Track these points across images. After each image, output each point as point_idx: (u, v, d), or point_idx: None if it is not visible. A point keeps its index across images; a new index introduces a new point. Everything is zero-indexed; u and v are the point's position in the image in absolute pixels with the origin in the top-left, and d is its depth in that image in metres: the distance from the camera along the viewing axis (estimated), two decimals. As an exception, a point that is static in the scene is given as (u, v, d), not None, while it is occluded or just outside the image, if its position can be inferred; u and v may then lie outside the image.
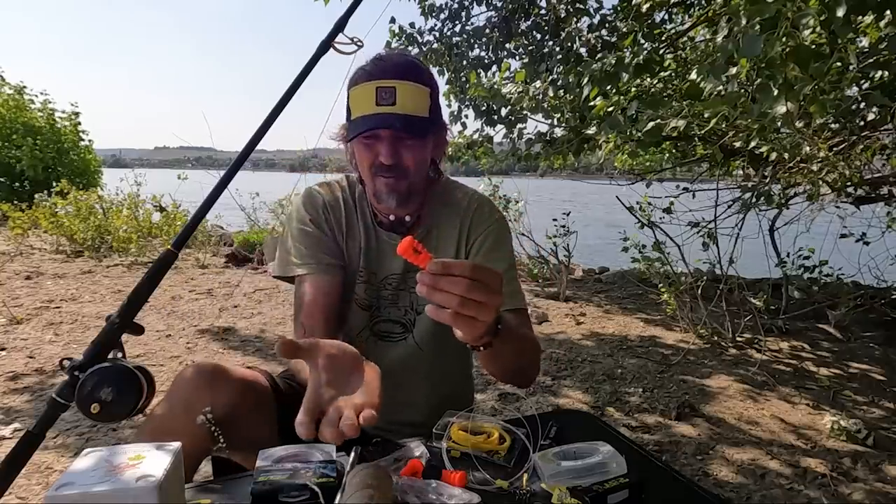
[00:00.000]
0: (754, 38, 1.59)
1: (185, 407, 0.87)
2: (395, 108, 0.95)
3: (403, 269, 1.11)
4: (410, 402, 1.14)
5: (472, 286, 0.64)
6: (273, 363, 2.95)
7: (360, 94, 0.97)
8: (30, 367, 2.73)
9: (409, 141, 1.00)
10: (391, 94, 0.95)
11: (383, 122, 0.95)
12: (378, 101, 0.95)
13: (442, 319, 0.67)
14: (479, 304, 0.65)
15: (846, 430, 2.27)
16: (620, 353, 3.30)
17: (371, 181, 1.03)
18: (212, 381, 0.90)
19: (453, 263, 0.65)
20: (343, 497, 0.67)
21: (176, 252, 0.80)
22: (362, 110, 0.97)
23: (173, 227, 6.42)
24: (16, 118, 9.62)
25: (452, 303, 0.64)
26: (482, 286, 0.65)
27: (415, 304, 1.13)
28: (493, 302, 0.67)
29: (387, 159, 0.98)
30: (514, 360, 0.95)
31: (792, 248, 4.02)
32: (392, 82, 0.95)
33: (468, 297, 0.64)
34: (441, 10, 4.57)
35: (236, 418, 0.90)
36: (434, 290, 0.64)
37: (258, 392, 1.01)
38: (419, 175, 1.05)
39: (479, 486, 0.78)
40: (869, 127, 3.10)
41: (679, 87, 3.22)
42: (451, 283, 0.64)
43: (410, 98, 0.96)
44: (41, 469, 1.85)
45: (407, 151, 1.00)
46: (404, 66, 0.99)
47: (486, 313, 0.67)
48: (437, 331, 1.12)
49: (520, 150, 4.17)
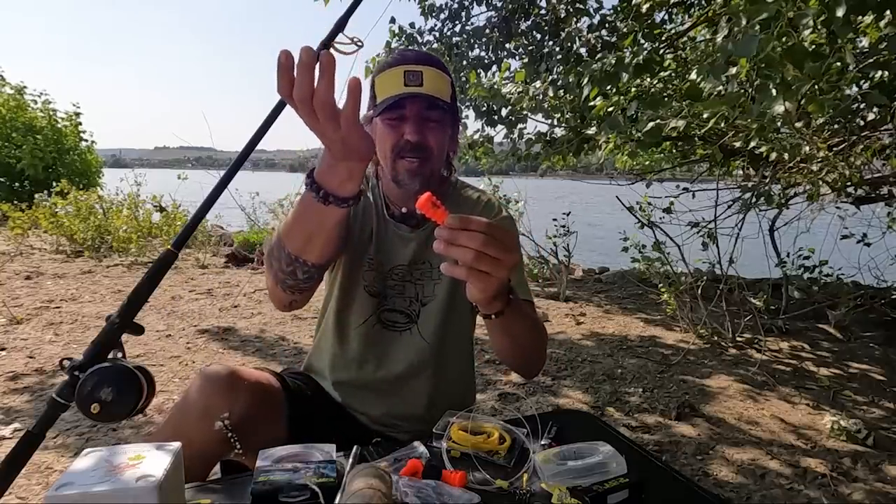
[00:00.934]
0: (749, 37, 1.59)
1: (202, 413, 0.88)
2: (422, 89, 0.98)
3: (410, 260, 1.13)
4: (412, 395, 1.15)
5: (488, 241, 0.66)
6: (273, 363, 2.95)
7: (386, 78, 1.00)
8: (30, 367, 2.73)
9: (434, 123, 1.02)
10: (418, 77, 0.98)
11: (412, 97, 0.98)
12: (406, 81, 0.98)
13: (457, 275, 0.69)
14: (494, 261, 0.68)
15: (846, 430, 2.27)
16: (620, 353, 3.30)
17: (393, 164, 1.03)
18: (229, 388, 0.91)
19: (471, 218, 0.67)
20: (343, 497, 0.67)
21: (176, 252, 0.79)
22: (390, 91, 0.99)
23: (173, 227, 6.42)
24: (16, 118, 9.62)
25: (468, 256, 0.66)
26: (498, 242, 0.67)
27: (420, 296, 1.14)
28: (508, 259, 0.69)
29: (412, 136, 0.99)
30: (524, 340, 0.96)
31: (792, 248, 4.03)
32: (419, 67, 0.99)
33: (484, 252, 0.66)
34: (441, 10, 4.57)
35: (252, 423, 0.91)
36: (451, 246, 0.66)
37: (272, 395, 1.02)
38: (439, 162, 1.08)
39: (479, 486, 0.78)
40: (869, 127, 3.10)
41: (679, 87, 3.22)
42: (469, 237, 0.66)
43: (436, 82, 1.00)
44: (41, 469, 1.85)
45: (431, 132, 1.02)
46: (429, 55, 1.05)
47: (500, 269, 0.69)
48: (442, 324, 1.14)
49: (520, 150, 4.17)
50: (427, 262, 1.14)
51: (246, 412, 0.90)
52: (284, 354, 3.10)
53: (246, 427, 0.90)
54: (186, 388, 0.93)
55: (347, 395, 1.17)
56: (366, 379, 1.14)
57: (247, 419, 0.90)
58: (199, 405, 0.89)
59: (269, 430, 0.99)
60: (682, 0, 3.83)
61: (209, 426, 0.86)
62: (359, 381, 1.15)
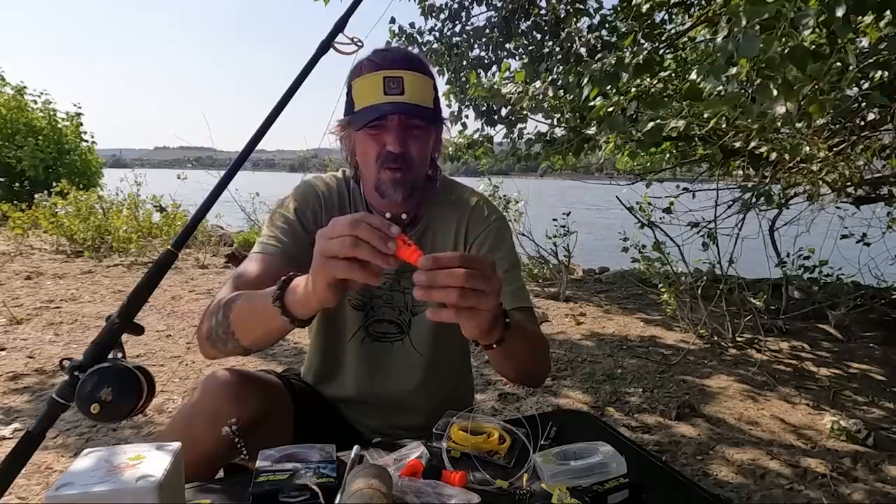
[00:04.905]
0: (752, 37, 1.59)
1: (210, 418, 0.87)
2: (403, 98, 0.94)
3: (397, 269, 1.09)
4: (409, 406, 1.14)
5: (468, 275, 0.64)
6: (274, 363, 2.95)
7: (365, 84, 0.95)
8: (30, 367, 2.73)
9: (417, 131, 0.99)
10: (399, 84, 0.93)
11: (394, 109, 0.94)
12: (386, 90, 0.93)
13: (445, 319, 0.67)
14: (478, 293, 0.65)
15: (846, 430, 2.27)
16: (620, 353, 3.30)
17: (375, 174, 1.00)
18: (238, 393, 0.90)
19: (443, 256, 0.65)
20: (343, 497, 0.67)
21: (176, 252, 0.79)
22: (369, 100, 0.95)
23: (173, 227, 6.42)
24: (17, 118, 9.62)
25: (452, 297, 0.64)
26: (477, 274, 0.64)
27: (410, 306, 1.11)
28: (491, 287, 0.67)
29: (395, 147, 0.96)
30: (526, 358, 0.94)
31: (792, 248, 4.03)
32: (399, 72, 0.94)
33: (466, 287, 0.64)
34: (441, 10, 4.57)
35: (259, 427, 0.91)
36: (431, 289, 0.64)
37: (279, 400, 1.02)
38: (422, 169, 1.04)
39: (479, 486, 0.78)
40: (869, 127, 3.10)
41: (679, 88, 3.22)
42: (447, 275, 0.64)
43: (418, 88, 0.95)
44: (41, 469, 1.85)
45: (414, 141, 0.99)
46: (409, 57, 0.99)
47: (486, 301, 0.67)
48: (435, 333, 1.11)
49: (520, 150, 4.17)
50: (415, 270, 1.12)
51: (254, 416, 0.90)
52: (284, 354, 3.10)
53: (253, 432, 0.89)
54: (192, 391, 0.93)
55: (345, 410, 1.16)
56: (362, 394, 1.13)
57: (254, 423, 0.90)
58: (208, 410, 0.88)
59: (276, 432, 0.99)
60: (682, 0, 3.83)
61: (217, 431, 0.85)
62: (356, 397, 1.14)
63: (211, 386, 0.90)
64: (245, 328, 0.84)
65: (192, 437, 0.83)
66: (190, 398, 0.93)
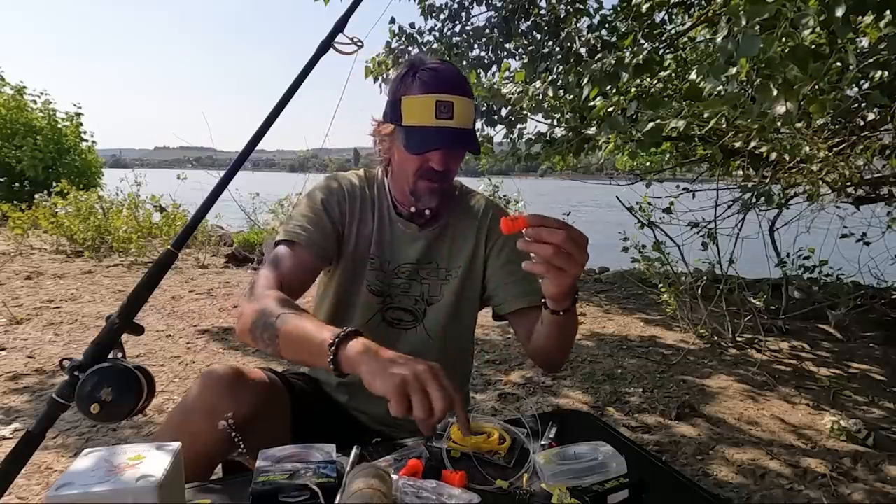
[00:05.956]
0: (752, 37, 1.59)
1: (206, 413, 0.88)
2: (452, 123, 1.00)
3: (417, 259, 1.14)
4: None
5: (566, 237, 0.73)
6: (274, 363, 2.95)
7: (417, 104, 1.00)
8: (30, 367, 2.73)
9: (459, 151, 1.06)
10: (449, 109, 1.00)
11: (446, 137, 1.00)
12: (437, 114, 0.99)
13: (536, 270, 0.76)
14: (569, 257, 0.74)
15: (846, 430, 2.27)
16: (620, 353, 3.30)
17: (413, 182, 1.07)
18: (233, 388, 0.91)
19: (549, 217, 0.75)
20: (343, 497, 0.67)
21: (176, 252, 0.79)
22: (420, 120, 1.00)
23: (173, 227, 6.42)
24: (16, 118, 9.62)
25: (548, 252, 0.73)
26: (574, 240, 0.74)
27: (426, 296, 1.16)
28: (581, 257, 0.75)
29: (440, 166, 1.03)
30: (570, 336, 1.03)
31: (792, 248, 4.03)
32: (450, 97, 1.00)
33: (561, 248, 0.73)
34: (441, 10, 4.56)
35: (256, 423, 0.92)
36: (532, 242, 0.74)
37: (275, 395, 1.03)
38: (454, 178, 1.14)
39: (479, 486, 0.78)
40: (869, 127, 3.10)
41: (679, 88, 3.22)
42: (549, 232, 0.73)
43: (464, 112, 1.01)
44: (41, 469, 1.85)
45: (455, 160, 1.08)
46: (458, 79, 1.04)
47: (575, 266, 0.75)
48: (448, 324, 1.16)
49: (520, 150, 4.16)
50: (434, 262, 1.16)
51: (250, 412, 0.91)
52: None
53: (250, 427, 0.90)
54: (189, 388, 0.93)
55: (351, 394, 1.18)
56: None
57: (251, 419, 0.91)
58: (204, 405, 0.89)
59: (273, 430, 1.00)
60: (682, 0, 3.83)
61: (213, 426, 0.86)
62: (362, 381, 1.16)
63: (208, 382, 0.91)
64: (291, 349, 0.87)
65: (189, 433, 0.84)
66: (187, 394, 0.94)
